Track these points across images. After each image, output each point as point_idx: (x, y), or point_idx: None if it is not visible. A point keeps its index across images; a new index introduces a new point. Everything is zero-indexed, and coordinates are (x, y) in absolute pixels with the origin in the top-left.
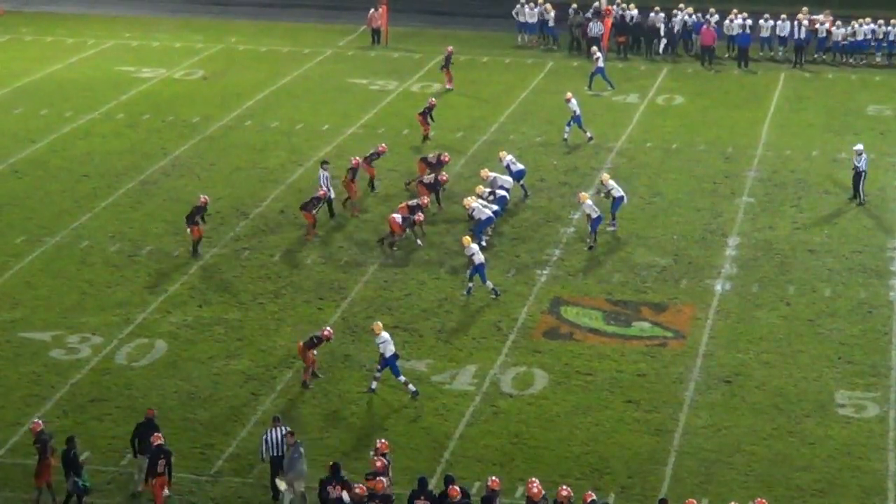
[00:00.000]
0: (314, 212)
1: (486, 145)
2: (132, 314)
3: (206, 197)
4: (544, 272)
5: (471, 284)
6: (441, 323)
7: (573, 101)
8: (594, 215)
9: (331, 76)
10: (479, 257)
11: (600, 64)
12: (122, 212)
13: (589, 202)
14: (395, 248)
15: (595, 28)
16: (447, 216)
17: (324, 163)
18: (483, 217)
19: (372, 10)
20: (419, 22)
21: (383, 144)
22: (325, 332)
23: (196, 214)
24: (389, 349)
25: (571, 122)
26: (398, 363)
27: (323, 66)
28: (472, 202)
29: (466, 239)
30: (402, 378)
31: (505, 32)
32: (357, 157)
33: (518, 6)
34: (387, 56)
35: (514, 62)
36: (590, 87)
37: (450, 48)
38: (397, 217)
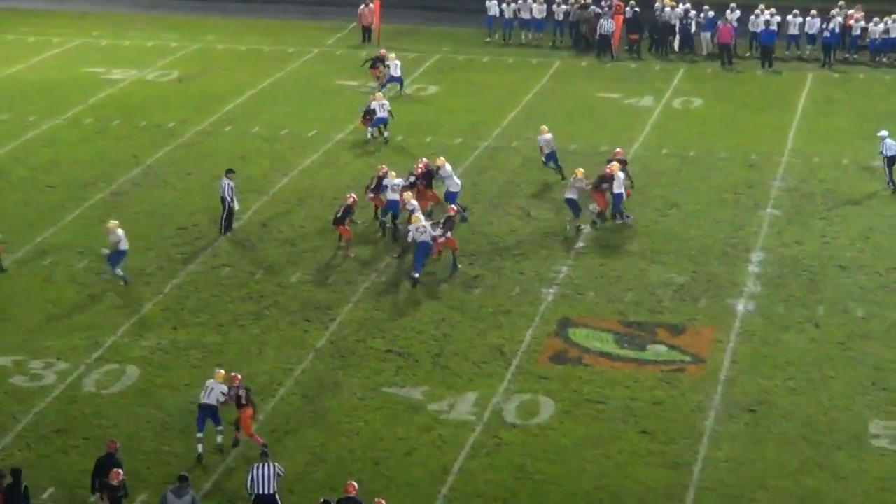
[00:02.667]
0: (347, 224)
1: (487, 152)
2: (101, 337)
3: (354, 195)
4: (551, 291)
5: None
6: (438, 346)
7: (547, 135)
8: (618, 191)
9: (318, 78)
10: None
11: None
12: (91, 225)
13: (620, 175)
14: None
15: (606, 25)
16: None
17: (229, 171)
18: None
19: (363, 5)
20: (414, 19)
21: (383, 166)
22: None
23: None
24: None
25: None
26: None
27: (309, 67)
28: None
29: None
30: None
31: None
32: (353, 194)
33: (521, 2)
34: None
35: (518, 62)
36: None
37: (382, 51)
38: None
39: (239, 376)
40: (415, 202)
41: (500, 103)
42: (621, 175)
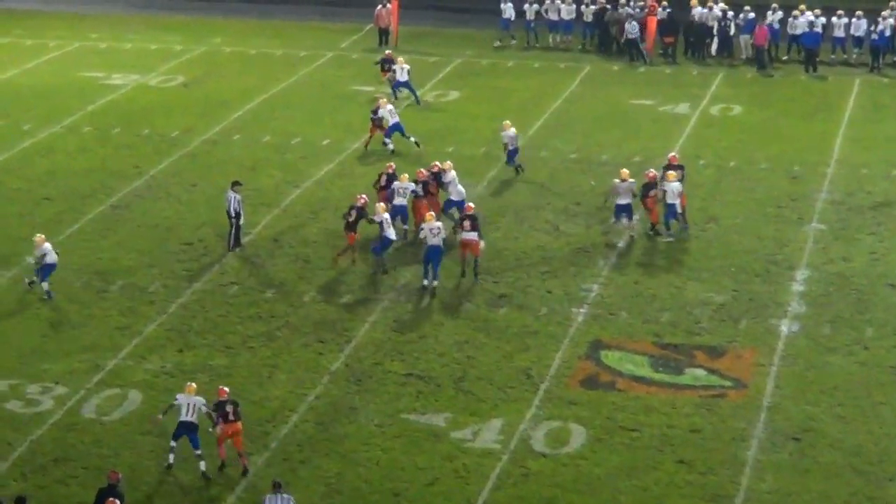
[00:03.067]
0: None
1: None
2: (102, 360)
3: (365, 196)
4: (581, 311)
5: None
6: (461, 370)
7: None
8: (671, 201)
9: (332, 83)
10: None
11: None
12: (90, 240)
13: (675, 185)
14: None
15: (632, 27)
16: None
17: (235, 184)
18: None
19: (379, 6)
20: (434, 20)
21: (391, 164)
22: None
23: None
24: None
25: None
26: None
27: (323, 72)
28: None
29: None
30: None
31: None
32: (364, 196)
33: (549, 2)
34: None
35: (545, 66)
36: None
37: (388, 52)
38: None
39: (226, 389)
40: (385, 215)
41: (525, 110)
42: (676, 185)
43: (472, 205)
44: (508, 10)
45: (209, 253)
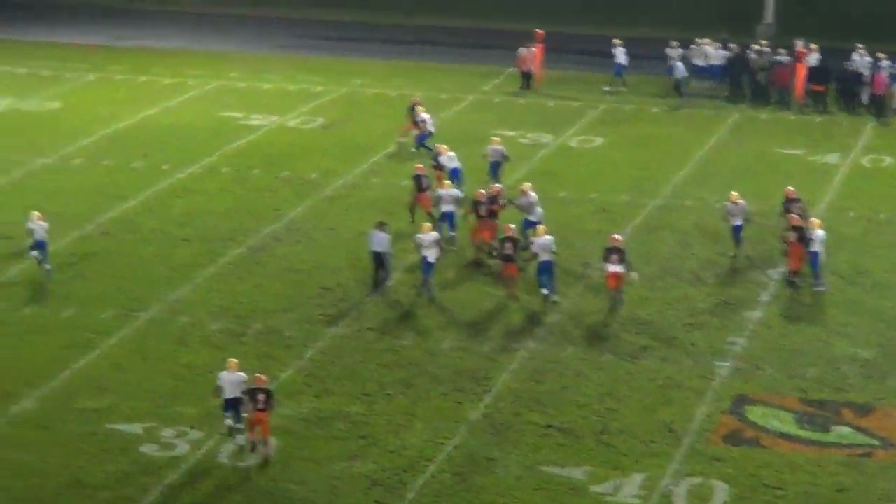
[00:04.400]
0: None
1: (656, 211)
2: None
3: (513, 226)
4: (725, 364)
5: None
6: (602, 423)
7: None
8: (815, 248)
9: (473, 127)
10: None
11: None
12: (227, 283)
13: (819, 233)
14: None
15: (761, 74)
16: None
17: (381, 224)
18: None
19: (523, 49)
20: (578, 64)
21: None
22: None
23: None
24: None
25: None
26: None
27: (464, 115)
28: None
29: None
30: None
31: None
32: (512, 226)
33: (695, 46)
34: (540, 104)
35: (691, 113)
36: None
37: (415, 98)
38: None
39: (264, 378)
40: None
41: (670, 158)
42: (820, 233)
43: (619, 237)
44: (621, 56)
45: (347, 297)
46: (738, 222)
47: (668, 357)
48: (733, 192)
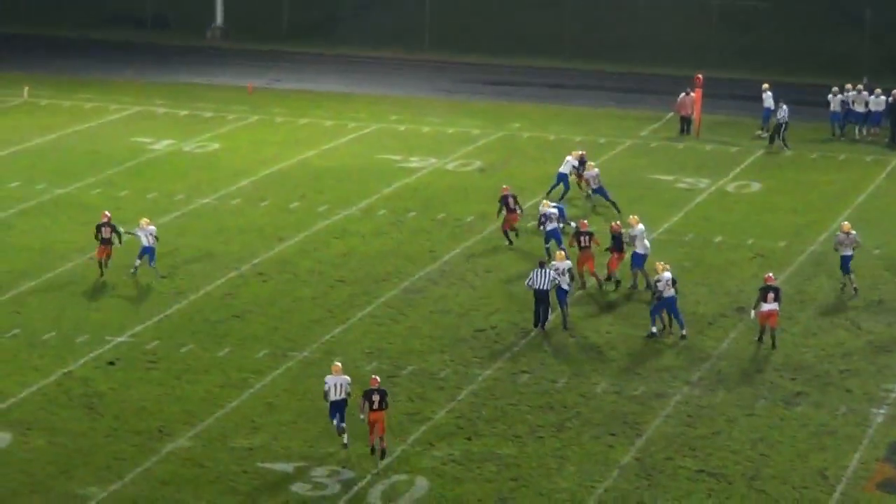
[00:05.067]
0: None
1: (814, 257)
2: (389, 446)
3: (667, 265)
4: (881, 411)
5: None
6: (755, 468)
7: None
8: None
9: (630, 171)
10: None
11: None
12: (382, 324)
13: None
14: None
15: None
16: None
17: (543, 263)
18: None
19: (682, 94)
20: (736, 109)
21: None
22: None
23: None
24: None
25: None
26: None
27: (621, 160)
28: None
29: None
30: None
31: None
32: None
33: (853, 92)
34: (698, 149)
35: (850, 159)
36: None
37: (582, 152)
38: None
39: (377, 378)
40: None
41: (828, 204)
42: None
43: (773, 276)
44: (768, 100)
45: (501, 340)
46: (848, 252)
47: (822, 403)
48: (845, 223)
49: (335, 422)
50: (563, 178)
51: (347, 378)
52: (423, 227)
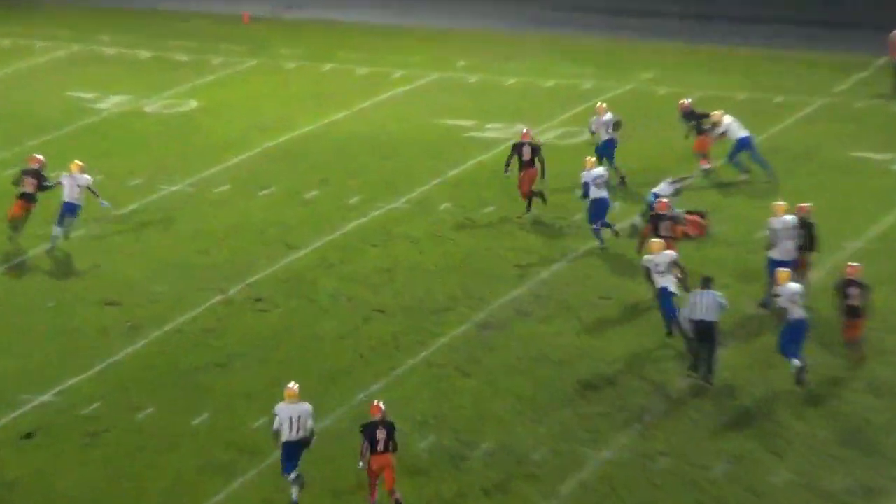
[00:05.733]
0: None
1: None
2: None
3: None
4: None
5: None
6: None
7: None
8: None
9: (820, 146)
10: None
11: None
12: (442, 378)
13: None
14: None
15: None
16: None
17: (707, 281)
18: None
19: None
20: None
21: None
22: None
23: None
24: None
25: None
26: None
27: (805, 129)
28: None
29: None
30: None
31: None
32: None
33: None
34: None
35: None
36: None
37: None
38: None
39: (381, 405)
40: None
41: None
42: None
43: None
44: None
45: (625, 402)
46: None
47: None
48: None
49: (290, 476)
50: (745, 142)
51: (308, 407)
52: (505, 230)
